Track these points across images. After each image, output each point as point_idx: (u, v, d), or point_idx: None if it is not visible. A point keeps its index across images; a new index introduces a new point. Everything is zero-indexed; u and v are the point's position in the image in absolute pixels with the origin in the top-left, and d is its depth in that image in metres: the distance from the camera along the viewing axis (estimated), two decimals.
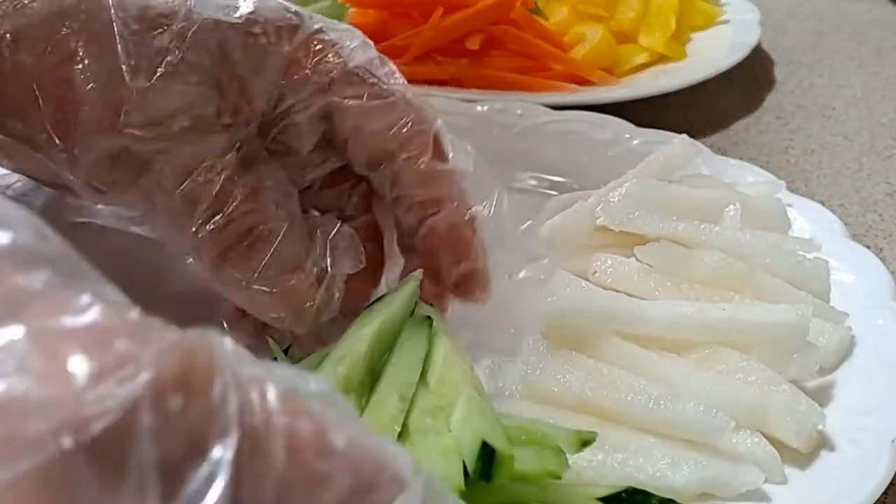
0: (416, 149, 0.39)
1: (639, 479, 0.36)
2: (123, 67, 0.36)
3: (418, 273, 0.41)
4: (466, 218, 0.40)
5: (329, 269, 0.39)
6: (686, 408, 0.37)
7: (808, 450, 0.38)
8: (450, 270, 0.41)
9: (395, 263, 0.44)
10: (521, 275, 0.46)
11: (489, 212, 0.42)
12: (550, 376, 0.39)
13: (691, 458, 0.37)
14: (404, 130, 0.39)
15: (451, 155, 0.41)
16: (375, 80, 0.39)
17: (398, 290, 0.40)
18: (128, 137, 0.36)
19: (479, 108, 0.61)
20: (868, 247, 0.51)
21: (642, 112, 0.68)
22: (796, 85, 0.78)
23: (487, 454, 0.32)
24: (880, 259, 0.48)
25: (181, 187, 0.37)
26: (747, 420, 0.38)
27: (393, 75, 0.40)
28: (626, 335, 0.41)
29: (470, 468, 0.32)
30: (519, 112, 0.61)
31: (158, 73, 0.37)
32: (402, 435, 0.34)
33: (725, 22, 0.81)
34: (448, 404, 0.35)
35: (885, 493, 0.36)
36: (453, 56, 0.69)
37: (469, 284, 0.41)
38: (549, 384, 0.39)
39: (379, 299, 0.39)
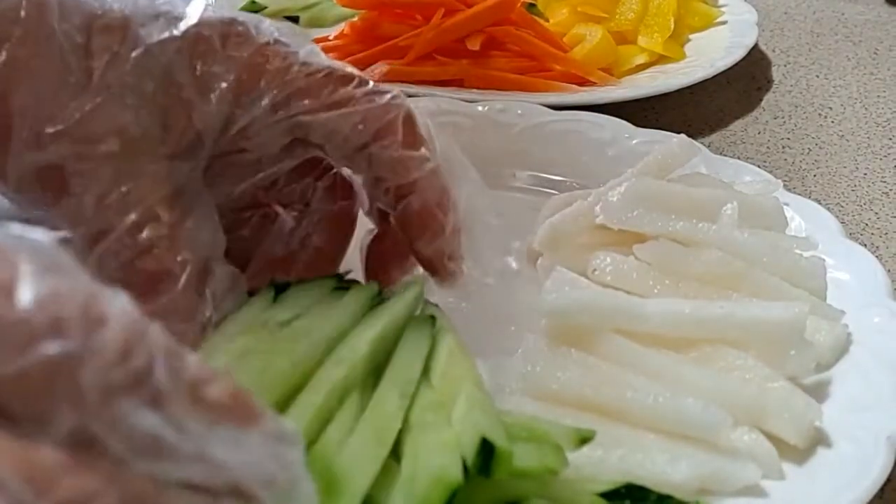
0: (386, 138, 0.39)
1: (638, 475, 0.36)
2: (59, 82, 0.35)
3: (422, 275, 0.41)
4: (439, 199, 0.40)
5: (212, 315, 0.38)
6: (684, 404, 0.38)
7: (806, 446, 0.38)
8: (423, 249, 0.41)
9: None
10: (497, 265, 0.47)
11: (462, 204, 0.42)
12: (550, 374, 0.39)
13: (690, 455, 0.37)
14: (373, 123, 0.39)
15: (425, 139, 0.41)
16: (332, 86, 0.38)
17: (402, 293, 0.40)
18: (52, 154, 0.35)
19: (479, 108, 0.61)
20: (864, 245, 0.51)
21: (641, 112, 0.69)
22: (793, 85, 0.78)
23: (487, 450, 0.32)
24: (876, 257, 0.48)
25: (94, 213, 0.35)
26: (745, 417, 0.38)
27: (351, 72, 0.40)
28: (626, 333, 0.41)
29: (469, 463, 0.32)
30: (519, 112, 0.61)
31: (95, 92, 0.35)
32: (404, 430, 0.34)
33: (723, 23, 0.81)
34: (450, 400, 0.35)
35: (882, 489, 0.36)
36: (454, 56, 0.70)
37: (440, 262, 0.41)
38: (549, 381, 0.39)
39: (382, 302, 0.40)
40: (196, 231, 0.38)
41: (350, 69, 0.40)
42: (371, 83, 0.39)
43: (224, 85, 0.37)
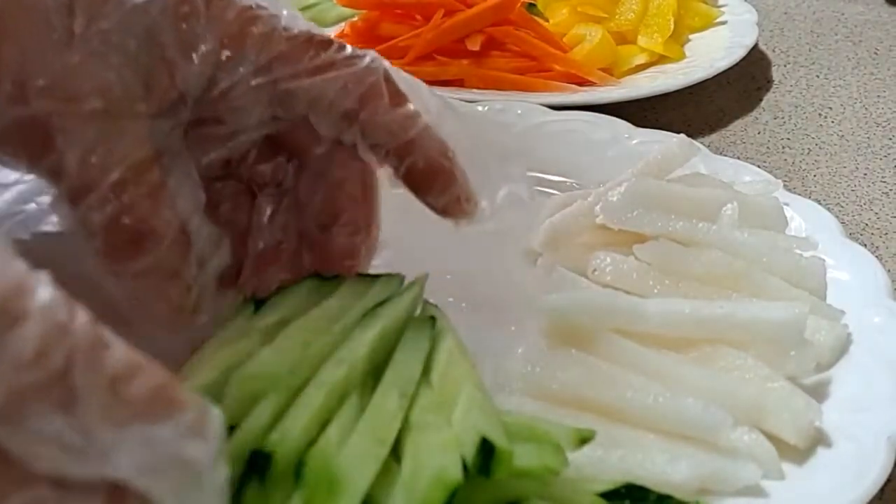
0: (373, 101, 0.39)
1: (638, 475, 0.36)
2: (43, 39, 0.35)
3: (423, 276, 0.41)
4: (440, 149, 0.40)
5: (197, 274, 0.39)
6: (684, 405, 0.38)
7: (806, 446, 0.38)
8: (436, 201, 0.41)
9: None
10: (503, 193, 0.46)
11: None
12: (550, 374, 0.39)
13: (690, 455, 0.37)
14: (357, 87, 0.39)
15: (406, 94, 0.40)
16: (314, 51, 0.39)
17: (402, 293, 0.40)
18: (35, 108, 0.35)
19: (479, 108, 0.61)
20: (864, 245, 0.51)
21: (641, 112, 0.69)
22: (793, 85, 0.78)
23: (487, 450, 0.32)
24: (876, 257, 0.48)
25: (78, 170, 0.36)
26: (745, 416, 0.38)
27: (329, 37, 0.40)
28: (626, 333, 0.41)
29: (469, 463, 0.32)
30: (519, 112, 0.61)
31: (78, 50, 0.35)
32: (404, 430, 0.34)
33: (723, 23, 0.81)
34: (450, 401, 0.35)
35: (882, 489, 0.36)
36: (454, 57, 0.70)
37: (456, 207, 0.41)
38: (549, 381, 0.39)
39: (382, 303, 0.40)
40: (178, 190, 0.38)
41: (328, 35, 0.40)
42: (349, 48, 0.40)
43: (207, 46, 0.38)
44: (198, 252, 0.38)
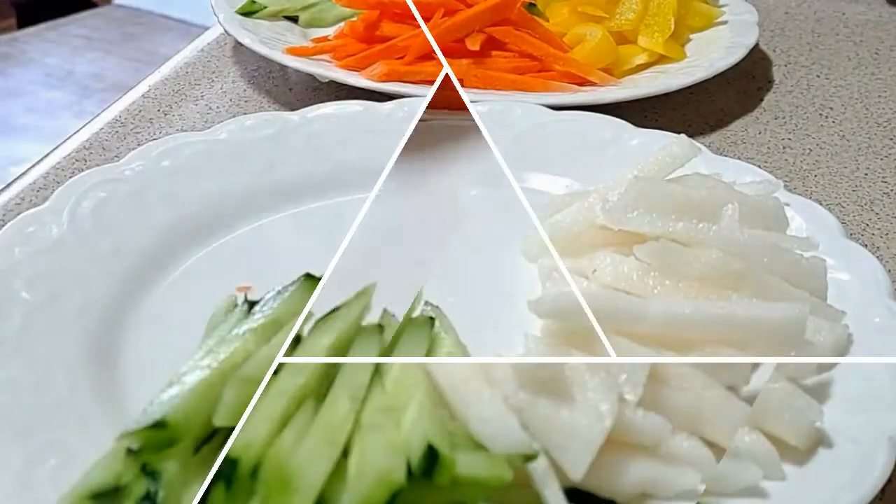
0: None
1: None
2: None
3: (371, 285, 0.41)
4: None
5: None
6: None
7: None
8: None
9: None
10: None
11: None
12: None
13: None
14: None
15: None
16: None
17: (353, 300, 0.41)
18: None
19: (479, 108, 0.61)
20: (865, 245, 0.51)
21: (641, 112, 0.69)
22: (794, 85, 0.78)
23: (432, 456, 0.33)
24: (877, 258, 0.48)
25: None
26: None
27: None
28: (626, 333, 0.41)
29: (414, 466, 0.33)
30: (519, 112, 0.61)
31: None
32: (354, 429, 0.35)
33: (724, 23, 0.81)
34: (401, 405, 0.36)
35: (883, 490, 0.36)
36: (454, 56, 0.70)
37: None
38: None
39: (335, 310, 0.40)
40: None
41: None
42: None
43: None
44: None
